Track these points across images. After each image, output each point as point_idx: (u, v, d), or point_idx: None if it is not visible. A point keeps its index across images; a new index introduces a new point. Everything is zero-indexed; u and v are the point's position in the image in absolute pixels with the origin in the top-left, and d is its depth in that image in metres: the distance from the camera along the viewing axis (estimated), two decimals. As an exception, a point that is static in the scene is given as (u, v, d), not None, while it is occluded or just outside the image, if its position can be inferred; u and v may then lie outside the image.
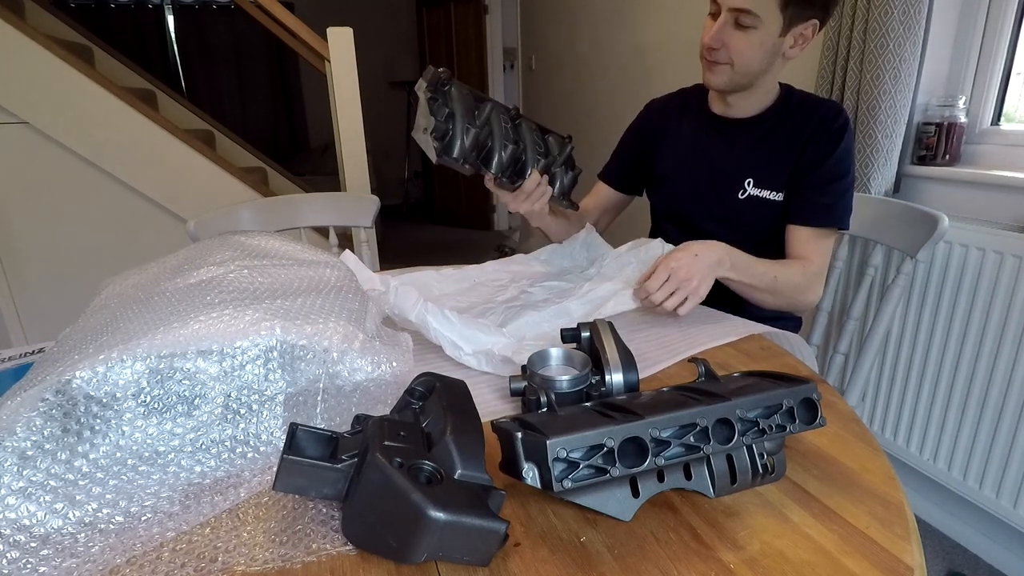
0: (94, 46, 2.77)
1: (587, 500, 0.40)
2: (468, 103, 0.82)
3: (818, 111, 0.96)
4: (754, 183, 0.98)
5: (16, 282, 2.17)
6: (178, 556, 0.39)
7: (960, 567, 1.28)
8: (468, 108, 0.82)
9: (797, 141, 0.95)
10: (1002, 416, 1.17)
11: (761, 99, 0.98)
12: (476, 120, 0.82)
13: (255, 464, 0.47)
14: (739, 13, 0.85)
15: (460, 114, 0.81)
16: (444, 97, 0.80)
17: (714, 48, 0.89)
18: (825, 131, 0.94)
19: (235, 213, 1.23)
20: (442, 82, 0.80)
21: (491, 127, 0.85)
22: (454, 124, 0.81)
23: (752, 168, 0.99)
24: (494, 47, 4.06)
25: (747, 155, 0.99)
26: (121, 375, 0.46)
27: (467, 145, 0.82)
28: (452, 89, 0.81)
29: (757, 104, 0.98)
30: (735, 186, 1.00)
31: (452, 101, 0.81)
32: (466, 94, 0.83)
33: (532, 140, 0.89)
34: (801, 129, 0.95)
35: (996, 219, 1.20)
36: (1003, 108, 1.30)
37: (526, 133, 0.89)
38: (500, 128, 0.85)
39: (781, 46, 0.89)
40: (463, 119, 0.81)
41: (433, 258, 3.94)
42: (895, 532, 0.41)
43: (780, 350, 0.73)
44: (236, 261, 0.66)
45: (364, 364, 0.55)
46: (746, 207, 1.00)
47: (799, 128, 0.95)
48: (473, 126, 0.82)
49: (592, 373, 0.55)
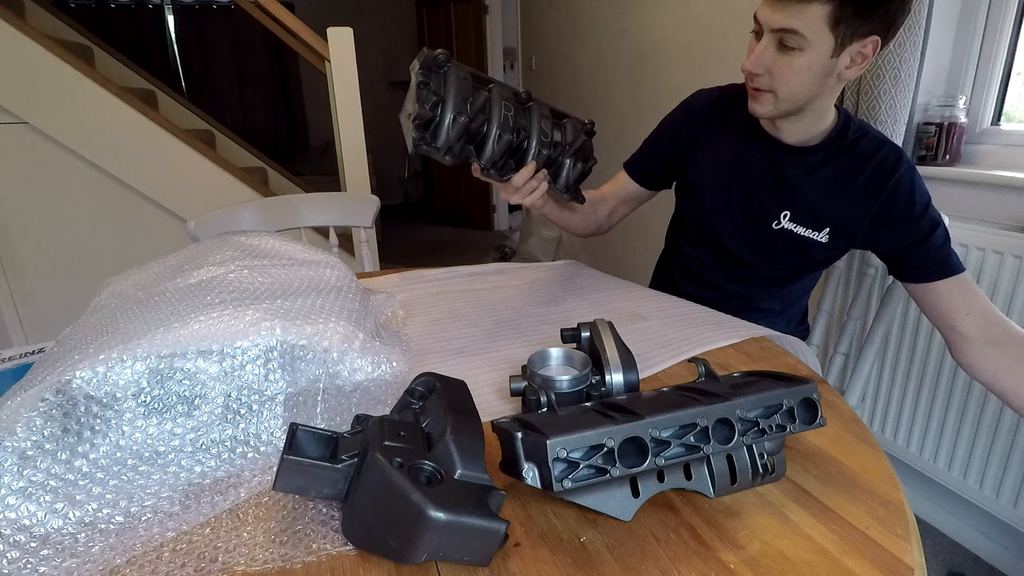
0: (94, 46, 2.77)
1: (587, 500, 0.40)
2: (464, 88, 0.76)
3: (876, 152, 0.85)
4: (791, 217, 0.90)
5: (16, 282, 2.17)
6: (178, 556, 0.39)
7: (960, 567, 1.28)
8: (462, 94, 0.76)
9: (852, 183, 0.85)
10: (1002, 416, 1.17)
11: (814, 125, 0.86)
12: (469, 107, 0.76)
13: (255, 464, 0.47)
14: (783, 34, 0.75)
15: (452, 100, 0.75)
16: (439, 81, 0.75)
17: (756, 74, 0.80)
18: (884, 181, 0.83)
19: (235, 213, 1.23)
20: (438, 64, 0.74)
21: (489, 113, 0.79)
22: (442, 111, 0.75)
23: (792, 203, 0.89)
24: (494, 47, 4.06)
25: (789, 187, 0.89)
26: (121, 375, 0.46)
27: (452, 135, 0.76)
28: (449, 72, 0.75)
29: (809, 131, 0.87)
30: (770, 216, 0.91)
31: (446, 86, 0.75)
32: (464, 78, 0.77)
33: (539, 127, 0.82)
34: (858, 169, 0.85)
35: (996, 219, 1.20)
36: (1003, 108, 1.30)
37: (535, 119, 0.82)
38: (500, 115, 0.79)
39: (835, 67, 0.77)
40: (455, 106, 0.75)
41: (433, 258, 3.94)
42: (895, 532, 0.41)
43: (780, 350, 0.73)
44: (236, 261, 0.66)
45: (364, 364, 0.55)
46: (779, 239, 0.91)
47: (856, 168, 0.85)
48: (464, 114, 0.76)
49: (592, 373, 0.55)
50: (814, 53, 0.75)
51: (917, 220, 0.83)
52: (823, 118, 0.86)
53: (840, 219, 0.88)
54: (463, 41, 4.18)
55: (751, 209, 0.93)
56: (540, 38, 3.43)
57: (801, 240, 0.90)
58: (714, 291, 1.01)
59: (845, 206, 0.87)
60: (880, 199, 0.84)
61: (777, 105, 0.82)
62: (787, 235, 0.91)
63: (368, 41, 4.00)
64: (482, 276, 1.02)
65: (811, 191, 0.88)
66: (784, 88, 0.79)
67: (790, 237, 0.91)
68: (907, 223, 0.84)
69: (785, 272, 0.97)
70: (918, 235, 0.83)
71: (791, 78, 0.78)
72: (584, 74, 2.90)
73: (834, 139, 0.87)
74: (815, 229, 0.89)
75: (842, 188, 0.86)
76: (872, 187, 0.85)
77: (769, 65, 0.78)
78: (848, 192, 0.86)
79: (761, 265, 0.96)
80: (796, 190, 0.89)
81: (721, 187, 0.95)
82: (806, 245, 0.90)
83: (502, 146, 0.79)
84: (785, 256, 0.93)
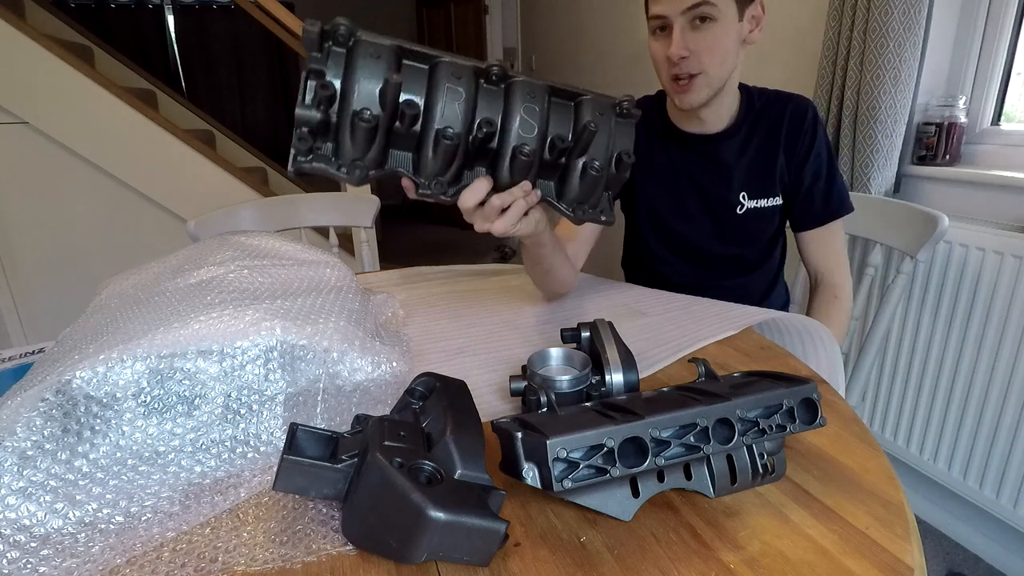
0: (94, 46, 2.77)
1: (587, 500, 0.40)
2: (377, 69, 0.51)
3: (786, 106, 0.93)
4: (749, 196, 0.95)
5: (16, 282, 2.17)
6: (178, 556, 0.39)
7: (960, 567, 1.28)
8: (375, 78, 0.51)
9: (777, 141, 0.93)
10: (1002, 416, 1.17)
11: (731, 104, 0.93)
12: (386, 97, 0.51)
13: (255, 464, 0.47)
14: (697, 7, 0.79)
15: (359, 89, 0.51)
16: (339, 66, 0.51)
17: (684, 57, 0.81)
18: (799, 127, 0.92)
19: (235, 213, 1.23)
20: (337, 40, 0.51)
21: (428, 103, 0.54)
22: (340, 109, 0.52)
23: (744, 182, 0.95)
24: (494, 47, 4.06)
25: (735, 169, 0.94)
26: (121, 375, 0.46)
27: (357, 143, 0.53)
28: (356, 49, 0.51)
29: (728, 111, 0.93)
30: (732, 204, 0.95)
31: (350, 70, 0.51)
32: (378, 56, 0.52)
33: (524, 118, 0.56)
34: (777, 127, 0.93)
35: (996, 219, 1.20)
36: (1003, 108, 1.30)
37: (516, 105, 0.56)
38: (442, 104, 0.54)
39: (742, 33, 0.84)
40: (362, 98, 0.51)
41: (433, 258, 3.93)
42: (895, 532, 0.41)
43: (781, 350, 0.73)
44: (236, 261, 0.66)
45: (364, 364, 0.55)
46: (747, 221, 0.96)
47: (774, 127, 0.93)
48: (380, 108, 0.51)
49: (592, 373, 0.55)
50: (726, 21, 0.81)
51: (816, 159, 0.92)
52: (735, 95, 0.93)
53: (780, 175, 0.94)
54: (463, 41, 4.18)
55: (711, 209, 0.97)
56: (540, 38, 3.43)
57: (764, 212, 0.96)
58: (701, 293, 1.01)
59: (779, 162, 0.93)
60: (802, 144, 0.93)
61: (710, 86, 0.85)
62: (751, 213, 0.96)
63: (368, 41, 4.00)
64: (482, 276, 1.02)
65: (752, 165, 0.94)
66: (712, 63, 0.83)
67: (754, 213, 0.96)
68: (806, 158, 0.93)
69: (753, 251, 1.00)
70: (816, 175, 0.93)
71: (716, 50, 0.82)
72: (584, 74, 2.90)
73: (747, 111, 0.94)
74: (771, 196, 0.95)
75: (773, 149, 0.93)
76: (792, 135, 0.92)
77: (692, 46, 0.81)
78: (779, 149, 0.93)
79: (730, 252, 0.99)
80: (739, 169, 0.94)
81: (676, 198, 0.99)
82: (770, 214, 0.96)
83: (443, 152, 0.55)
84: (753, 236, 0.98)
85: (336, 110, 0.52)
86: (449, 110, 0.54)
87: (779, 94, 0.95)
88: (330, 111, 0.52)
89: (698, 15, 0.80)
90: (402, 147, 0.57)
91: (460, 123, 0.54)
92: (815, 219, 0.94)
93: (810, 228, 0.95)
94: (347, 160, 0.55)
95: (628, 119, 0.61)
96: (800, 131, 0.92)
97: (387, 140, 0.55)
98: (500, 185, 0.60)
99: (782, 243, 1.03)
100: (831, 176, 0.94)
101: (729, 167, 0.95)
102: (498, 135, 0.57)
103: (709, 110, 0.91)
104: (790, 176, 0.94)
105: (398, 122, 0.53)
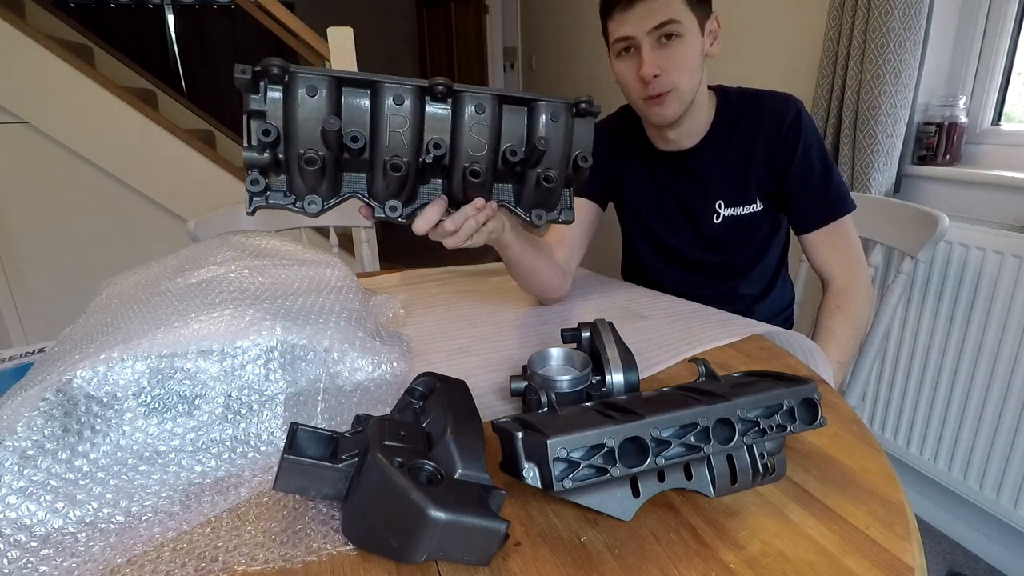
0: (94, 46, 2.77)
1: (587, 500, 0.40)
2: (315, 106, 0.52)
3: (763, 106, 0.91)
4: (725, 204, 0.94)
5: (16, 282, 2.17)
6: (179, 556, 0.39)
7: (960, 567, 1.28)
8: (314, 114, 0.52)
9: (752, 147, 0.91)
10: (1002, 416, 1.17)
11: (702, 116, 0.92)
12: (329, 137, 0.51)
13: (256, 464, 0.47)
14: (664, 26, 0.81)
15: (299, 128, 0.52)
16: (277, 106, 0.52)
17: (656, 75, 0.82)
18: (778, 130, 0.89)
19: (235, 213, 1.23)
20: (272, 79, 0.51)
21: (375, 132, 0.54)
22: (286, 147, 0.53)
23: (719, 191, 0.94)
24: (494, 47, 4.06)
25: (710, 179, 0.94)
26: (122, 375, 0.46)
27: (301, 183, 0.54)
28: (293, 89, 0.52)
29: (700, 124, 0.92)
30: (708, 212, 0.96)
31: (288, 108, 0.52)
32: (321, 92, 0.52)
33: (472, 135, 0.56)
34: (753, 132, 0.91)
35: (996, 219, 1.20)
36: (1003, 108, 1.30)
37: (465, 121, 0.56)
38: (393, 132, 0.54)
39: (704, 47, 0.85)
40: (304, 137, 0.52)
41: (433, 258, 3.92)
42: (895, 532, 0.41)
43: (780, 350, 0.73)
44: (236, 261, 0.66)
45: (364, 364, 0.55)
46: (726, 228, 0.96)
47: (750, 132, 0.91)
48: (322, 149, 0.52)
49: (592, 373, 0.55)
50: (690, 36, 0.82)
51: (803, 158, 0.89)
52: (705, 106, 0.92)
53: (757, 182, 0.93)
54: (463, 41, 4.18)
55: (689, 218, 0.98)
56: (540, 38, 3.43)
57: (741, 219, 0.95)
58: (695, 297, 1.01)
59: (758, 167, 0.92)
60: (783, 147, 0.90)
61: (682, 101, 0.86)
62: (728, 220, 0.95)
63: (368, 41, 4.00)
64: (482, 276, 1.02)
65: (728, 172, 0.93)
66: (682, 78, 0.84)
67: (731, 221, 0.95)
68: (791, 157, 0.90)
69: (741, 256, 0.99)
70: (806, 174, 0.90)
71: (685, 65, 0.83)
72: (585, 74, 2.91)
73: (723, 117, 0.93)
74: (748, 203, 0.94)
75: (749, 155, 0.92)
76: (770, 139, 0.90)
77: (662, 64, 0.83)
78: (756, 155, 0.91)
79: (715, 259, 0.99)
80: (713, 179, 0.94)
81: (656, 206, 1.00)
82: (751, 221, 0.95)
83: (393, 179, 0.55)
84: (735, 244, 0.98)
85: (282, 149, 0.53)
86: (394, 138, 0.54)
87: (758, 95, 0.93)
88: (276, 151, 0.53)
89: (664, 33, 0.81)
90: (355, 169, 0.57)
91: (407, 149, 0.55)
92: (813, 221, 0.92)
93: (810, 230, 0.93)
94: (301, 194, 0.56)
95: (587, 117, 0.60)
96: (780, 134, 0.89)
97: (338, 167, 0.56)
98: (455, 199, 0.61)
99: (782, 244, 1.03)
100: (826, 175, 0.90)
101: (704, 176, 0.95)
102: (448, 154, 0.56)
103: (680, 128, 0.91)
104: (772, 181, 0.92)
105: (346, 153, 0.54)
